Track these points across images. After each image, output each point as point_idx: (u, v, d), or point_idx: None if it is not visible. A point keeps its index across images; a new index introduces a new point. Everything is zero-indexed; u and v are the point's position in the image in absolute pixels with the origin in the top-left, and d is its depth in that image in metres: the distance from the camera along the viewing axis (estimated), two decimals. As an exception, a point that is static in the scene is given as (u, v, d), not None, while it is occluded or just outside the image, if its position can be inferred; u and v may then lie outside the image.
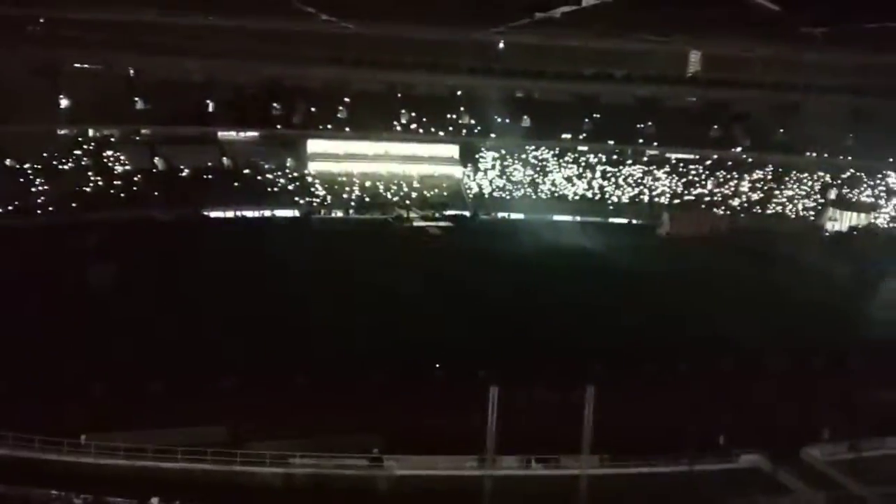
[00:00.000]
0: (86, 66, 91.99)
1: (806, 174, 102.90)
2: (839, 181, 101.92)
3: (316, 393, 36.80)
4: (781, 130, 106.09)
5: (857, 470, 32.22)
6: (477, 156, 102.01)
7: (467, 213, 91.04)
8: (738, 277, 67.99)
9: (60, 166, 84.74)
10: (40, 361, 39.03)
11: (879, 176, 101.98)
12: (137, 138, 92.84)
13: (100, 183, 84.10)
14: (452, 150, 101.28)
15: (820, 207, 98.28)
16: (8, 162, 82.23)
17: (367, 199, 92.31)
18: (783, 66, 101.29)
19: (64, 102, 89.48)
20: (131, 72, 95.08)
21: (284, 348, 43.72)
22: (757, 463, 33.43)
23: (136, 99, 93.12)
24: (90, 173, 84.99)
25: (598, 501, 28.56)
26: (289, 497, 26.02)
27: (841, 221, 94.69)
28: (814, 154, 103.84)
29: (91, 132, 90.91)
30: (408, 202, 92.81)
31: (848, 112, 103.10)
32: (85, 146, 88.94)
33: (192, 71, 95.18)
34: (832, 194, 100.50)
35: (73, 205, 78.70)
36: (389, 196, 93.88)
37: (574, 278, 64.49)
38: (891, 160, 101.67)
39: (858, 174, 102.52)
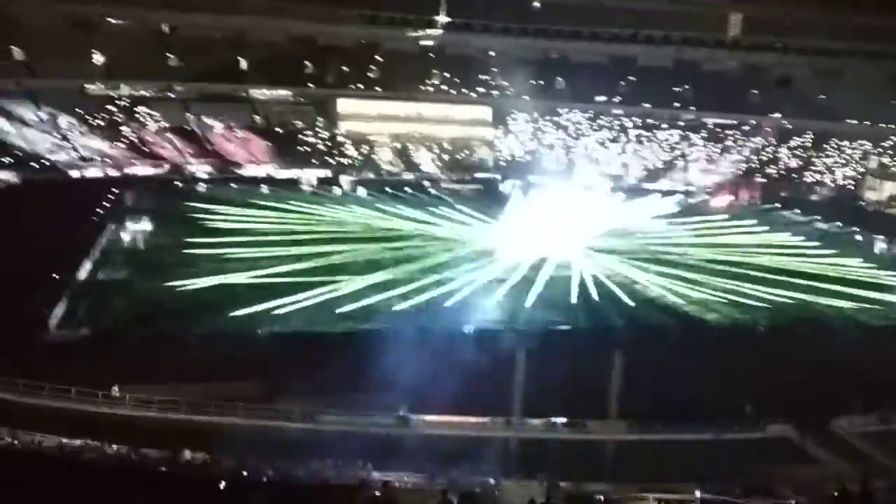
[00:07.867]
0: (120, 21, 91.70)
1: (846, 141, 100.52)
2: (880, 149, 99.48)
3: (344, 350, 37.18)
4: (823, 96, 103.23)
5: (887, 441, 31.82)
6: (508, 118, 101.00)
7: (498, 177, 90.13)
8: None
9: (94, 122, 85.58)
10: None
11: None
12: (171, 95, 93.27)
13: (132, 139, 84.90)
14: (484, 112, 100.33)
15: (860, 176, 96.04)
16: (43, 115, 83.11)
17: (397, 161, 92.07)
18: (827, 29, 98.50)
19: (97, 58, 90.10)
20: (165, 28, 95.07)
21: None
22: (785, 433, 33.13)
23: (170, 56, 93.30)
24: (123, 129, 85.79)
25: (623, 467, 28.54)
26: (317, 451, 26.39)
27: (880, 191, 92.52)
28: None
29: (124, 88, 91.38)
30: (438, 164, 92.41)
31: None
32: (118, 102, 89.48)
33: (225, 28, 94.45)
34: (873, 163, 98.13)
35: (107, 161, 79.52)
36: (419, 158, 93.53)
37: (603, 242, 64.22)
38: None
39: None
